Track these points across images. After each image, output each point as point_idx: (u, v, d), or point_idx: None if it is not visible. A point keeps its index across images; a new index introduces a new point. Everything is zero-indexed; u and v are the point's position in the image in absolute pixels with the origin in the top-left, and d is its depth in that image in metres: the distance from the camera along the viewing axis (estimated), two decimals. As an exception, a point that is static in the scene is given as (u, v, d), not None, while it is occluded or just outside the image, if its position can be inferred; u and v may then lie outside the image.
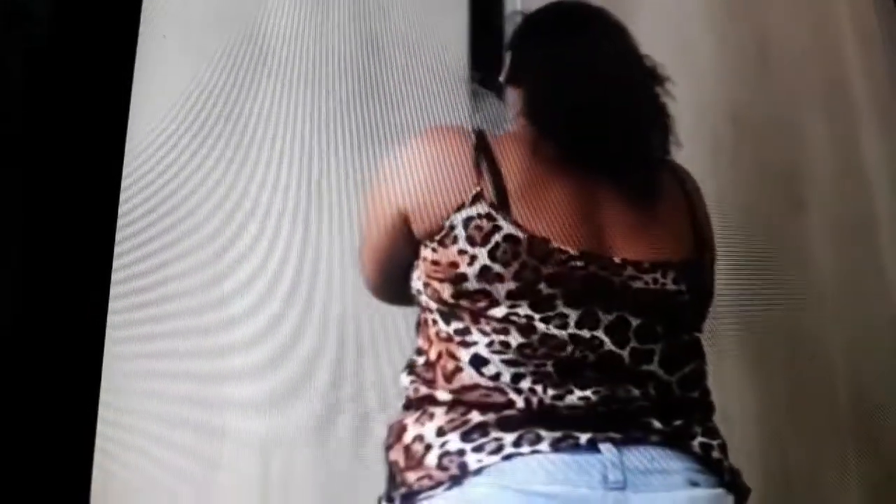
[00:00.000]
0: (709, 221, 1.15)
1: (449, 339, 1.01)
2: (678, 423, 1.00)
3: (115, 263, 1.25)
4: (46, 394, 1.20)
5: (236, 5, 1.40)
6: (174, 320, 1.30)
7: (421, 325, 1.07)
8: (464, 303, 1.01)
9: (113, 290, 1.24)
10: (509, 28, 1.20)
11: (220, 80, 1.35)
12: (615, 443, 0.96)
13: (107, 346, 1.22)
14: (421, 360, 1.05)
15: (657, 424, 0.99)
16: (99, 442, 1.20)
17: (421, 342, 1.06)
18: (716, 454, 1.01)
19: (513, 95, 1.15)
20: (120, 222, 1.26)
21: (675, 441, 0.99)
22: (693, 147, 1.52)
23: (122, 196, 1.28)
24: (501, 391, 0.97)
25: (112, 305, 1.24)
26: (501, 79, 1.18)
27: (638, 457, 0.96)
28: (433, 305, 1.04)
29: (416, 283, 1.06)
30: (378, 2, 1.38)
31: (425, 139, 1.09)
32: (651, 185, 1.09)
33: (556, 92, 1.08)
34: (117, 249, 1.25)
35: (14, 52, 1.29)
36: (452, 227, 1.01)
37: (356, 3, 1.39)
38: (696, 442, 1.00)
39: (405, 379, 1.05)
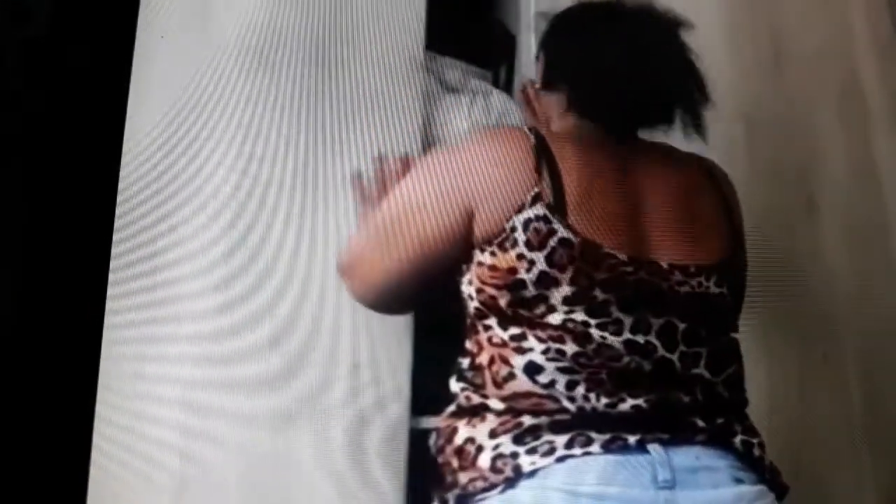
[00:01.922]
0: (742, 225, 1.17)
1: (503, 344, 1.01)
2: (720, 421, 1.01)
3: (112, 264, 1.25)
4: (44, 392, 1.20)
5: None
6: (174, 323, 1.30)
7: (469, 330, 1.06)
8: (521, 310, 1.01)
9: (110, 291, 1.24)
10: (532, 30, 1.20)
11: (215, 77, 1.35)
12: (662, 443, 0.97)
13: (104, 347, 1.22)
14: (468, 363, 1.04)
15: (701, 423, 1.00)
16: (96, 440, 1.20)
17: (469, 346, 1.05)
18: (756, 452, 1.03)
19: (553, 96, 1.15)
20: (117, 223, 1.26)
21: (718, 439, 1.00)
22: (708, 147, 1.53)
23: (120, 197, 1.28)
24: (554, 399, 0.98)
25: (109, 305, 1.24)
26: (537, 84, 1.19)
27: (684, 456, 0.97)
28: (487, 312, 1.03)
29: (468, 287, 1.06)
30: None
31: (487, 139, 1.09)
32: (690, 183, 1.11)
33: (600, 79, 1.10)
34: (114, 250, 1.25)
35: (13, 51, 1.29)
36: (513, 230, 1.01)
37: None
38: (738, 440, 1.01)
39: (455, 385, 1.04)
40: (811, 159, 1.60)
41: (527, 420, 0.97)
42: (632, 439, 0.96)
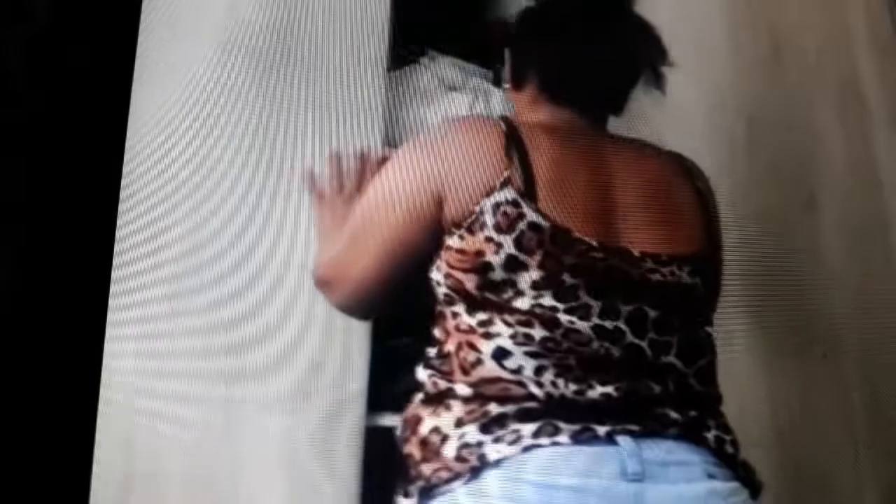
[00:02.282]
0: (720, 225, 1.16)
1: (470, 330, 1.01)
2: (693, 414, 1.00)
3: (115, 261, 1.25)
4: (46, 389, 1.20)
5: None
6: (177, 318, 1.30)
7: (437, 318, 1.06)
8: (488, 294, 1.01)
9: (113, 288, 1.24)
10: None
11: (217, 75, 1.35)
12: (632, 435, 0.96)
13: (106, 344, 1.22)
14: (436, 351, 1.04)
15: (673, 415, 0.99)
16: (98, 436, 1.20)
17: (437, 334, 1.05)
18: (729, 448, 1.01)
19: (523, 93, 1.15)
20: (120, 220, 1.26)
21: (690, 433, 0.99)
22: (708, 146, 1.54)
23: (122, 193, 1.28)
24: (522, 384, 0.97)
25: (112, 303, 1.24)
26: (507, 85, 1.19)
27: (655, 449, 0.96)
28: (455, 297, 1.03)
29: (436, 274, 1.05)
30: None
31: (458, 127, 1.09)
32: (663, 174, 1.12)
33: (565, 57, 1.12)
34: (117, 247, 1.25)
35: (15, 48, 1.29)
36: (482, 213, 1.01)
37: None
38: (711, 435, 1.00)
39: (422, 373, 1.04)
40: (811, 158, 1.61)
41: (494, 408, 0.96)
42: (601, 430, 0.95)
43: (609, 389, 0.98)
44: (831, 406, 1.49)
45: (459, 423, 0.97)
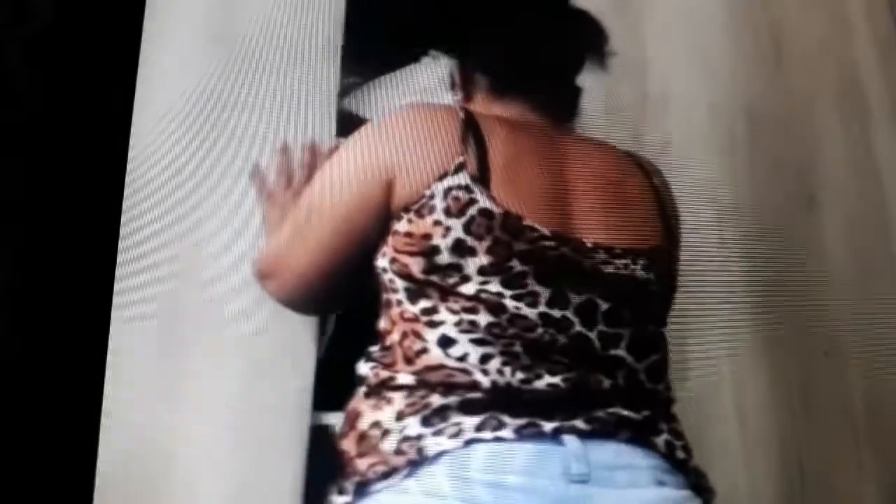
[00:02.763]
0: (678, 220, 1.16)
1: (415, 319, 0.98)
2: (645, 414, 0.98)
3: (119, 258, 1.24)
4: (48, 390, 1.20)
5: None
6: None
7: (383, 307, 1.03)
8: (434, 278, 0.98)
9: (116, 286, 1.23)
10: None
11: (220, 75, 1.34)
12: (580, 435, 0.93)
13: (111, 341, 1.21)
14: (379, 345, 1.01)
15: (624, 413, 0.96)
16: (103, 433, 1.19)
17: (382, 325, 1.02)
18: (680, 454, 0.99)
19: (476, 98, 1.16)
20: (123, 217, 1.25)
21: (640, 437, 0.96)
22: (709, 144, 1.54)
23: (126, 191, 1.26)
24: (467, 372, 0.94)
25: (116, 300, 1.23)
26: (458, 96, 1.20)
27: (603, 451, 0.93)
28: (400, 283, 1.00)
29: (382, 260, 1.03)
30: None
31: (414, 112, 1.08)
32: (618, 169, 1.11)
33: (513, 55, 1.14)
34: (121, 244, 1.24)
35: (16, 47, 1.28)
36: (432, 196, 1.00)
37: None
38: (662, 440, 0.98)
39: (363, 367, 1.01)
40: (812, 155, 1.61)
41: (436, 400, 0.94)
42: (547, 426, 0.92)
43: (556, 380, 0.95)
44: (833, 404, 1.49)
45: (400, 417, 0.94)
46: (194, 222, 1.28)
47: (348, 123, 1.30)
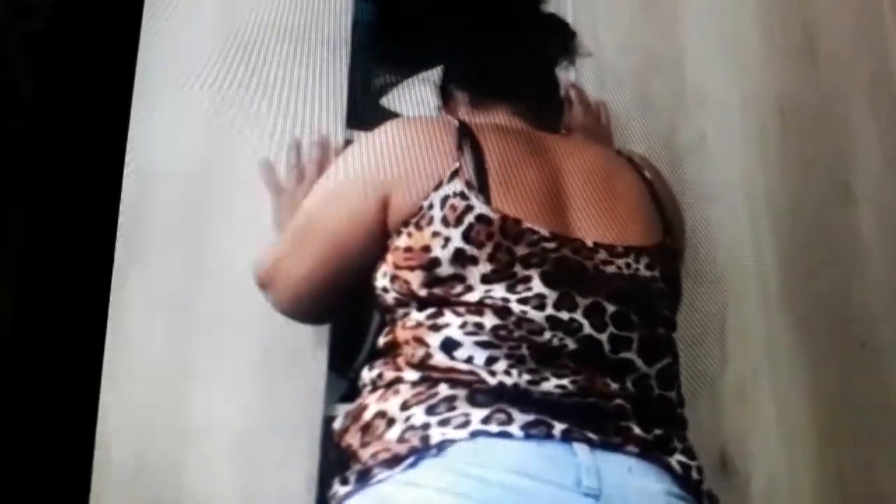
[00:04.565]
0: (677, 207, 1.14)
1: (418, 325, 0.96)
2: (658, 432, 0.94)
3: (117, 257, 1.23)
4: (47, 394, 1.20)
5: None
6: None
7: (386, 325, 1.01)
8: (437, 290, 0.96)
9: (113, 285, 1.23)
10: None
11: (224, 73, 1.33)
12: (591, 444, 0.89)
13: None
14: (383, 355, 0.99)
15: (637, 430, 0.92)
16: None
17: (384, 340, 1.00)
18: (695, 475, 0.94)
19: (460, 111, 1.17)
20: (121, 219, 1.23)
21: (654, 454, 0.92)
22: (743, 138, 1.55)
23: (124, 190, 1.25)
24: (473, 373, 0.91)
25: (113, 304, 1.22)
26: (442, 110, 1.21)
27: (615, 465, 0.89)
28: (403, 300, 0.98)
29: (382, 280, 1.01)
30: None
31: (408, 124, 1.07)
32: (609, 166, 1.10)
33: (488, 63, 1.15)
34: (118, 244, 1.23)
35: (16, 47, 1.28)
36: (430, 207, 0.98)
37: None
38: (675, 459, 0.93)
39: (368, 374, 0.98)
40: (846, 149, 1.61)
41: (443, 390, 0.90)
42: (557, 427, 0.88)
43: (564, 382, 0.91)
44: (871, 394, 1.49)
45: (406, 406, 0.91)
46: (203, 219, 1.27)
47: (358, 116, 1.32)
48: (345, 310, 1.13)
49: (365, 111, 1.33)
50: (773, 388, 1.45)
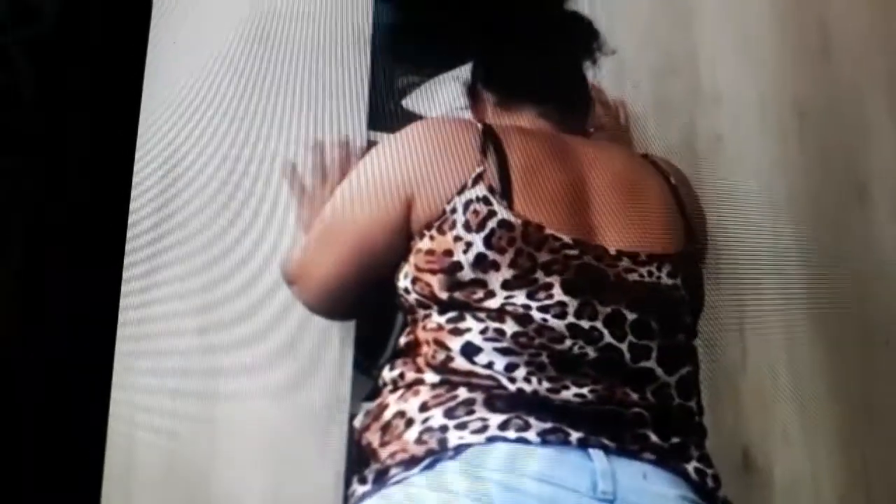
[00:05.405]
0: (701, 213, 1.14)
1: (439, 328, 0.97)
2: (675, 440, 0.95)
3: (126, 260, 1.23)
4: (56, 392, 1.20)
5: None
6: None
7: (407, 325, 1.03)
8: (458, 295, 0.97)
9: (124, 288, 1.23)
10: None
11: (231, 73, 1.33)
12: (607, 451, 0.90)
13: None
14: (403, 355, 1.00)
15: (654, 438, 0.93)
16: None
17: (405, 340, 1.01)
18: (711, 483, 0.95)
19: (487, 113, 1.17)
20: (130, 219, 1.24)
21: (670, 461, 0.93)
22: (760, 137, 1.54)
23: (133, 192, 1.25)
24: (493, 378, 0.92)
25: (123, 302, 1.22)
26: (470, 114, 1.21)
27: (630, 471, 0.90)
28: (425, 302, 0.99)
29: (403, 281, 1.02)
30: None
31: (432, 125, 1.08)
32: (634, 172, 1.10)
33: (514, 63, 1.16)
34: (128, 246, 1.23)
35: (22, 49, 1.27)
36: (454, 211, 0.99)
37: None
38: (692, 466, 0.94)
39: (389, 374, 0.99)
40: (863, 148, 1.60)
41: (462, 393, 0.92)
42: (574, 435, 0.89)
43: (584, 391, 0.92)
44: (894, 394, 1.48)
45: (424, 407, 0.92)
46: (226, 223, 1.28)
47: (380, 117, 1.32)
48: (370, 307, 1.14)
49: (386, 112, 1.33)
50: (794, 387, 1.44)
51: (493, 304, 0.96)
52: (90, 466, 1.16)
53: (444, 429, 0.90)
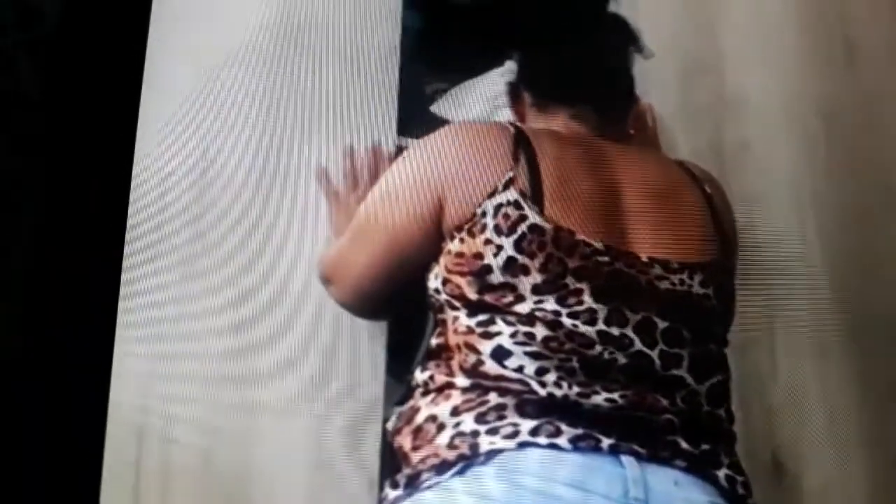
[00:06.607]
0: (733, 222, 1.14)
1: (469, 331, 0.97)
2: (706, 447, 0.94)
3: (125, 263, 1.24)
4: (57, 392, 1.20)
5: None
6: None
7: (437, 326, 1.03)
8: (488, 298, 0.97)
9: (123, 290, 1.24)
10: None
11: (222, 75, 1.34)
12: (638, 457, 0.90)
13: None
14: (434, 360, 1.00)
15: (684, 445, 0.93)
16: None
17: (436, 341, 1.01)
18: (741, 490, 0.95)
19: (528, 115, 1.18)
20: (130, 221, 1.26)
21: (700, 468, 0.93)
22: (786, 143, 1.54)
23: (132, 195, 1.27)
24: (524, 382, 0.92)
25: (122, 305, 1.23)
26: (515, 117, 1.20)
27: (661, 477, 0.90)
28: (454, 303, 1.00)
29: (434, 282, 1.03)
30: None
31: (465, 129, 1.08)
32: (670, 179, 1.09)
33: (553, 65, 1.15)
34: (127, 249, 1.25)
35: (25, 51, 1.29)
36: (484, 214, 0.99)
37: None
38: (722, 473, 0.94)
39: (420, 375, 1.00)
40: (887, 152, 1.60)
41: (493, 398, 0.92)
42: (605, 442, 0.89)
43: (614, 396, 0.92)
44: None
45: (455, 412, 0.92)
46: (260, 222, 1.30)
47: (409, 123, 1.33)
48: (404, 307, 1.14)
49: (415, 118, 1.34)
50: (823, 391, 1.43)
51: (522, 308, 0.95)
52: (90, 468, 1.17)
53: (475, 434, 0.90)
